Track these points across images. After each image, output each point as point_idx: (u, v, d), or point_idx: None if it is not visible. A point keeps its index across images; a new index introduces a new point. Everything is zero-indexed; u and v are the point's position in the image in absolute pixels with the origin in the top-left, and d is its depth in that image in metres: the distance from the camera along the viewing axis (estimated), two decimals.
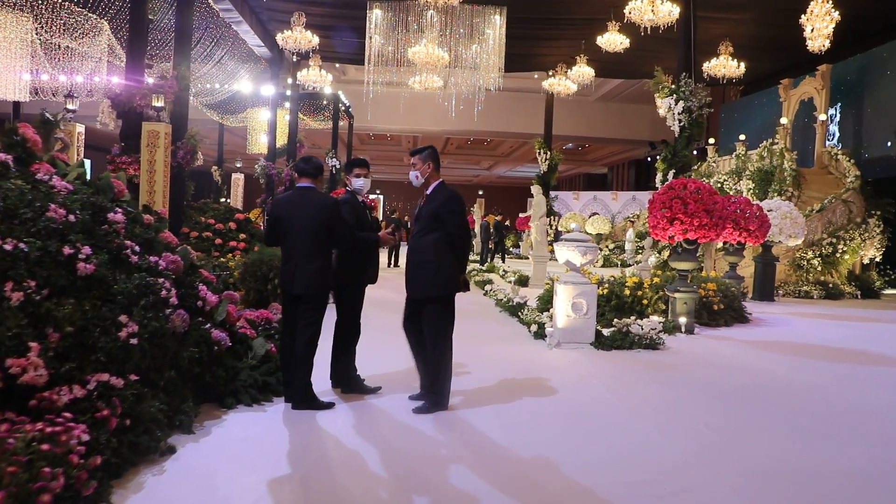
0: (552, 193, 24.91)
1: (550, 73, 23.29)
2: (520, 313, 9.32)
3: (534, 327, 8.19)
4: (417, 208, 5.16)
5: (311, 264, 4.82)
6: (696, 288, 9.20)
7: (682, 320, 8.77)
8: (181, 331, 4.53)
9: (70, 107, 14.48)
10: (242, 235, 13.34)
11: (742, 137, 20.81)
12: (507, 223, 25.36)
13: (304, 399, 4.85)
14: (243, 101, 25.77)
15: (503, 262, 20.99)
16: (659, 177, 14.03)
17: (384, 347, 7.27)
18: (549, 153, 23.53)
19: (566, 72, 22.42)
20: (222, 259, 11.31)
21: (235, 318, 5.46)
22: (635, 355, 7.47)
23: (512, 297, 10.38)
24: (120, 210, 4.67)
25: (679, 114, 13.78)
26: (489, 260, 20.71)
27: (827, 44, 15.07)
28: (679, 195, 8.64)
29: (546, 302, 10.07)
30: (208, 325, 4.87)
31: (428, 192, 5.12)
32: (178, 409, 4.23)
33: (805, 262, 14.72)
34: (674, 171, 13.84)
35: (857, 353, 8.26)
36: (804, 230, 13.17)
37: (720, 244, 13.51)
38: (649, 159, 31.26)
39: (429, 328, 5.08)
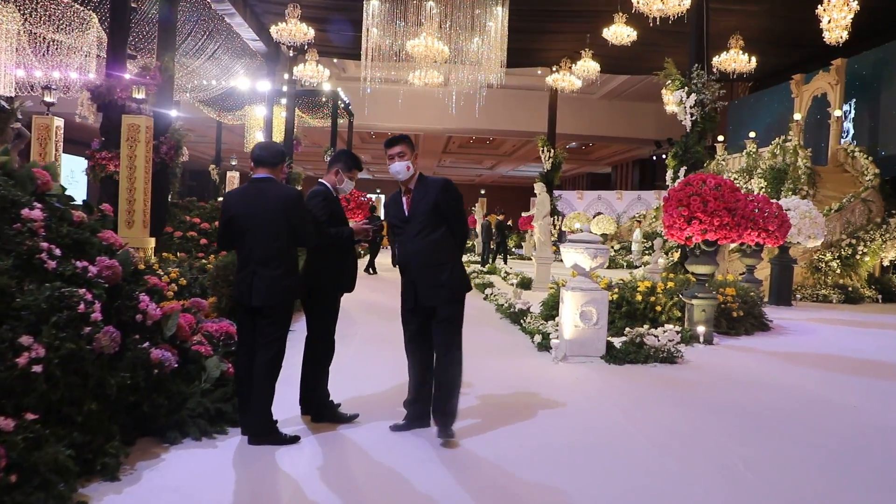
0: (555, 192, 24.06)
1: (554, 69, 22.43)
2: (522, 321, 8.47)
3: (537, 338, 7.33)
4: (396, 206, 4.33)
5: (271, 270, 3.98)
6: (716, 294, 8.34)
7: (701, 329, 7.91)
8: (110, 352, 3.69)
9: (48, 99, 13.65)
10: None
11: (752, 135, 19.92)
12: (510, 223, 24.50)
13: (263, 431, 4.01)
14: (240, 97, 24.96)
15: (505, 263, 20.13)
16: (670, 174, 13.20)
17: (368, 364, 6.42)
18: (552, 151, 22.64)
19: (570, 67, 21.57)
20: (204, 261, 10.47)
21: (189, 333, 4.62)
22: (651, 371, 6.62)
23: (514, 303, 9.53)
24: (39, 206, 3.84)
25: (691, 107, 12.94)
26: (491, 261, 19.84)
27: (845, 35, 14.22)
28: (698, 192, 7.78)
29: (550, 308, 9.22)
30: (147, 343, 4.02)
31: (412, 185, 4.29)
32: (100, 449, 3.40)
33: (823, 265, 13.84)
34: (685, 167, 13.01)
35: (888, 365, 7.41)
36: (824, 230, 12.29)
37: (733, 245, 12.65)
38: (654, 158, 30.37)
39: (444, 336, 4.32)
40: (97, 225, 4.33)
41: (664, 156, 30.59)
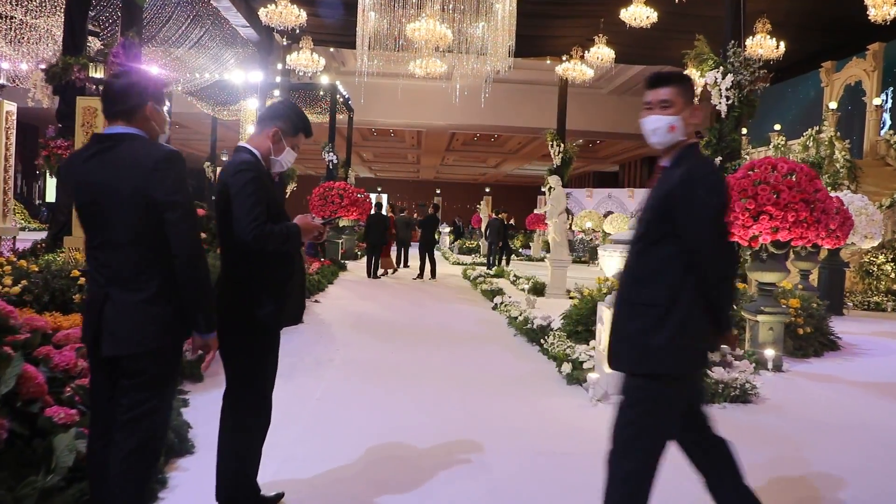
0: (564, 190, 22.21)
1: (564, 58, 20.63)
2: (543, 340, 6.70)
3: (566, 367, 5.56)
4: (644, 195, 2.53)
5: (132, 293, 2.24)
6: (786, 307, 6.58)
7: (770, 353, 6.13)
8: None
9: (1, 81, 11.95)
10: (203, 235, 10.76)
11: (777, 128, 18.13)
12: (512, 222, 22.71)
13: None
14: (236, 91, 23.23)
15: (507, 264, 18.30)
16: None
17: (342, 410, 4.62)
18: (562, 145, 20.86)
19: (582, 56, 19.75)
20: None
21: (42, 389, 2.86)
22: (722, 416, 4.85)
23: (530, 315, 7.76)
24: None
25: (727, 90, 11.17)
26: (497, 263, 18.04)
27: (893, 13, 12.46)
28: (768, 180, 6.01)
29: (576, 322, 7.44)
30: None
31: (667, 161, 2.44)
32: None
33: (875, 268, 12.05)
34: (720, 158, 11.24)
35: None
36: (882, 229, 10.50)
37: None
38: None
39: (617, 429, 2.41)
40: None
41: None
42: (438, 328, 8.19)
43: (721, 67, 11.19)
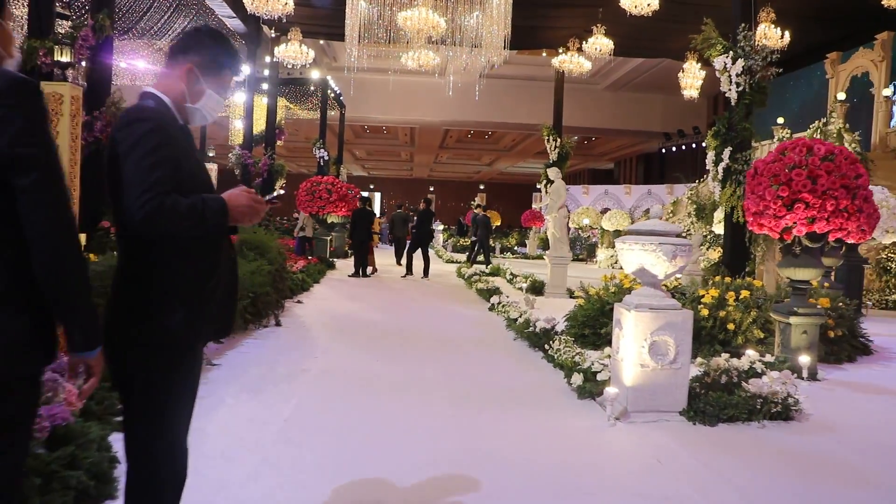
0: None
1: (561, 51, 19.82)
2: (548, 346, 5.90)
3: (576, 378, 4.76)
4: None
5: None
6: (821, 308, 5.80)
7: (805, 360, 5.34)
8: None
9: None
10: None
11: (780, 121, 17.40)
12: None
13: None
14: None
15: (487, 264, 17.09)
16: (710, 157, 10.60)
17: (313, 439, 3.77)
18: (558, 140, 20.06)
19: (579, 48, 18.95)
20: None
21: None
22: (762, 437, 4.07)
23: (531, 318, 6.96)
24: None
25: (737, 75, 10.37)
26: (479, 259, 17.02)
27: None
28: (804, 164, 5.22)
29: (582, 325, 6.66)
30: None
31: None
32: None
33: (893, 265, 11.29)
34: (730, 148, 10.46)
35: None
36: None
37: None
38: (664, 151, 27.81)
39: None
40: None
41: (673, 149, 28.14)
42: (430, 332, 7.38)
43: (731, 52, 10.40)
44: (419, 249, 13.60)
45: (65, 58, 9.32)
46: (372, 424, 3.99)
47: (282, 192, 14.21)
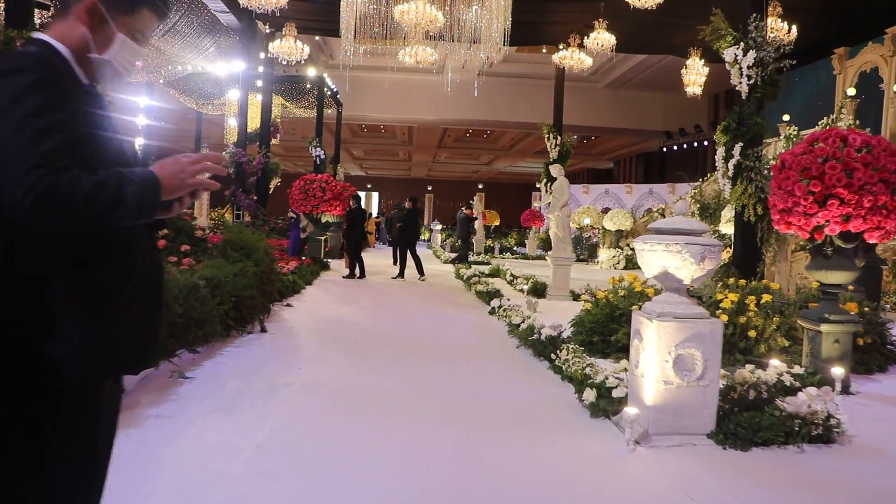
0: None
1: (562, 47, 19.30)
2: (555, 356, 5.37)
3: (589, 394, 4.23)
4: None
5: None
6: (854, 315, 5.28)
7: (838, 372, 4.82)
8: None
9: None
10: (164, 231, 9.39)
11: (785, 118, 16.88)
12: (475, 217, 21.28)
13: None
14: (220, 84, 21.83)
15: (464, 260, 16.58)
16: (720, 153, 10.07)
17: (284, 472, 3.24)
18: (559, 138, 19.56)
19: (580, 43, 18.43)
20: None
21: None
22: (802, 463, 3.54)
23: (535, 323, 6.43)
24: None
25: (749, 68, 9.86)
26: (465, 259, 16.47)
27: None
28: (838, 156, 4.70)
29: (590, 332, 6.14)
30: None
31: None
32: None
33: None
34: (741, 144, 9.95)
35: None
36: None
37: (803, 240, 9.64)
38: (665, 150, 27.28)
39: None
40: None
41: (675, 147, 27.59)
42: (427, 338, 6.84)
43: (742, 43, 9.89)
44: (409, 251, 13.00)
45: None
46: (359, 451, 3.47)
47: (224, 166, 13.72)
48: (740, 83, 9.92)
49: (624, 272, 16.10)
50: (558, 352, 5.35)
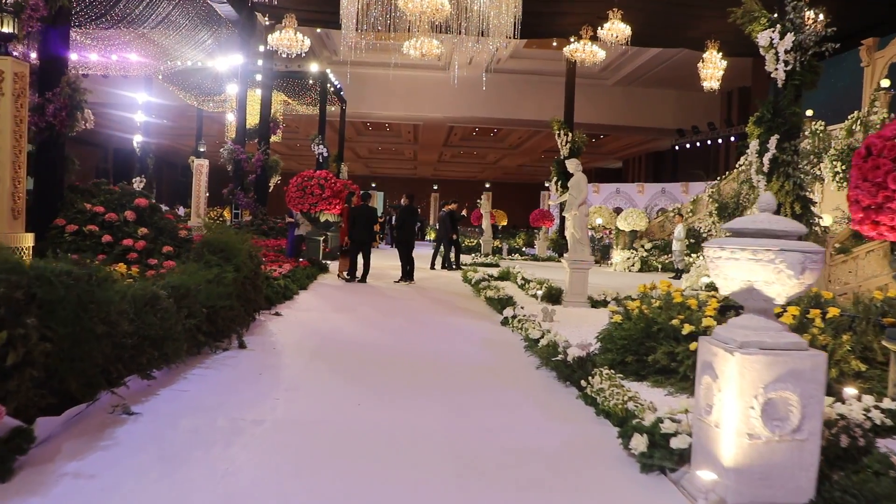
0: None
1: (573, 40, 18.29)
2: (586, 382, 4.39)
3: (638, 441, 3.25)
4: None
5: None
6: None
7: None
8: None
9: None
10: (143, 231, 8.49)
11: (809, 113, 15.88)
12: (463, 213, 19.89)
13: None
14: (221, 80, 20.92)
15: (457, 265, 15.04)
16: (753, 146, 9.11)
17: None
18: (570, 135, 18.58)
19: (592, 35, 17.40)
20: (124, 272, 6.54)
21: None
22: None
23: (556, 338, 5.45)
24: None
25: (786, 52, 8.90)
26: (447, 262, 15.08)
27: None
28: None
29: (622, 351, 5.17)
30: None
31: None
32: None
33: None
34: (777, 136, 8.97)
35: None
36: None
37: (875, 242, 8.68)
38: (677, 148, 26.25)
39: None
40: None
41: (687, 146, 26.54)
42: (431, 356, 5.86)
43: (778, 26, 8.92)
44: (406, 251, 11.94)
45: (7, 28, 7.86)
46: None
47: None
48: (776, 69, 8.98)
49: (641, 275, 15.18)
50: (589, 377, 4.38)
